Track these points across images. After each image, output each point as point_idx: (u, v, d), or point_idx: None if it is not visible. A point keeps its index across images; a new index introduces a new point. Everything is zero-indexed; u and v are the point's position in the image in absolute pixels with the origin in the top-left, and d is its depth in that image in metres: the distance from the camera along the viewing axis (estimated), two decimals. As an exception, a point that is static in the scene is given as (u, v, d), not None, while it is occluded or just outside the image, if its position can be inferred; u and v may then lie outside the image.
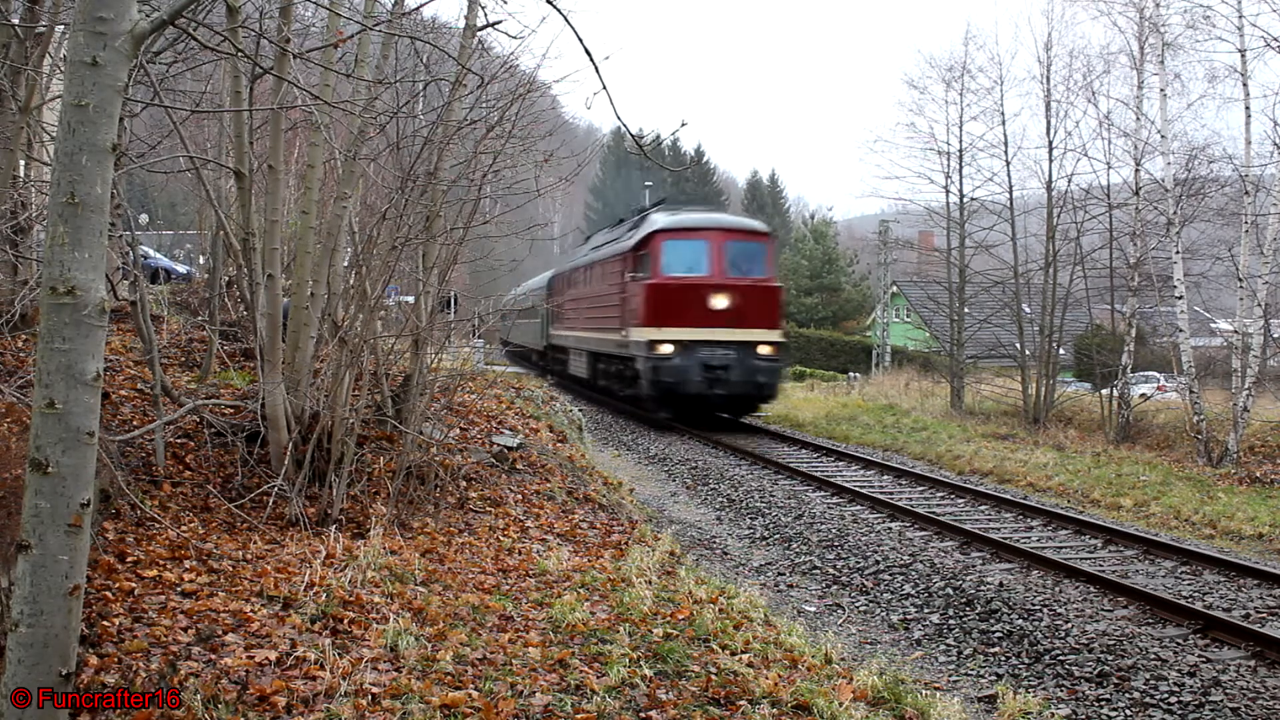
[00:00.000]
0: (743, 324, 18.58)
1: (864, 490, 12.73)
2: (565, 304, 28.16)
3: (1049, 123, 22.61)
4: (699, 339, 18.32)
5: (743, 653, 5.42)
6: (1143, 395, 21.82)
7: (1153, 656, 6.58)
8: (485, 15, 8.92)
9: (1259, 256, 17.34)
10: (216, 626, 4.74)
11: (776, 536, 10.63)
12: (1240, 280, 17.66)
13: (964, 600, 7.98)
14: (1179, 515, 12.52)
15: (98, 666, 4.15)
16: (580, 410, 16.12)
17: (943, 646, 7.12)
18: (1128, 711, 5.83)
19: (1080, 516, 11.58)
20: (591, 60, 4.32)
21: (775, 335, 19.11)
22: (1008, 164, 23.81)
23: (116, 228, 7.18)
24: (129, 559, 5.56)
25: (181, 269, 23.59)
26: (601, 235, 28.32)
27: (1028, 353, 23.60)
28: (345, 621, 5.05)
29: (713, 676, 4.88)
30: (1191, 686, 6.11)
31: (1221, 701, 5.89)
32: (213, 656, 4.40)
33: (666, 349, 18.34)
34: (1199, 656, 6.67)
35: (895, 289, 44.75)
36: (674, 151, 69.60)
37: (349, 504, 7.32)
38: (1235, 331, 18.08)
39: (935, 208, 26.41)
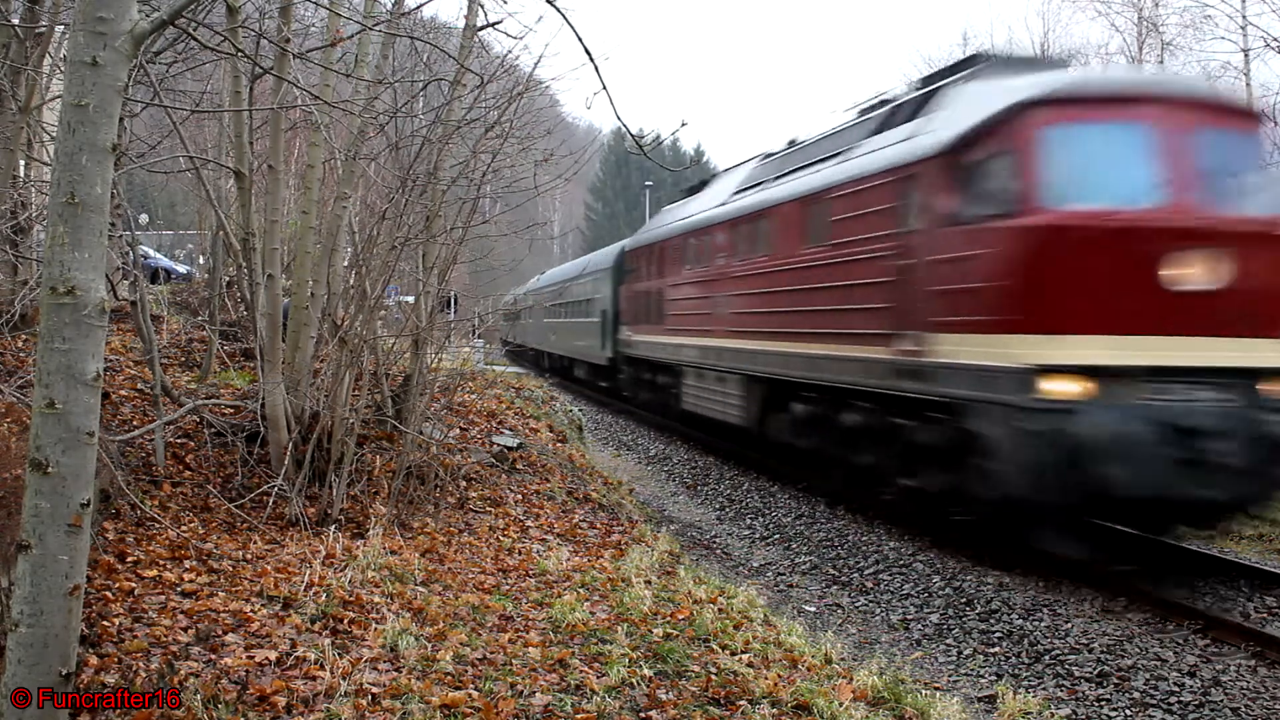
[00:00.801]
0: (1248, 327, 8.04)
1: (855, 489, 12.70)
2: (667, 291, 17.32)
3: (1048, 122, 22.55)
4: (1150, 364, 7.84)
5: (743, 653, 5.42)
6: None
7: (1153, 656, 6.58)
8: (485, 15, 8.93)
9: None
10: (216, 626, 4.74)
11: (777, 536, 10.63)
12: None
13: (964, 600, 7.97)
14: (1179, 515, 12.48)
15: (98, 666, 4.15)
16: (580, 410, 16.11)
17: (943, 646, 7.12)
18: (1128, 711, 5.84)
19: (1080, 516, 11.52)
20: (591, 60, 4.33)
21: None
22: (1008, 164, 23.74)
23: (116, 228, 7.18)
24: (129, 559, 5.56)
25: (181, 269, 23.60)
26: (751, 168, 15.49)
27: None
28: (345, 621, 5.05)
29: (713, 676, 4.88)
30: (1191, 687, 6.11)
31: (1221, 701, 5.89)
32: (213, 656, 4.40)
33: (1069, 388, 7.80)
34: (1199, 656, 6.66)
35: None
36: (674, 151, 69.60)
37: (349, 504, 7.32)
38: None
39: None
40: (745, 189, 14.69)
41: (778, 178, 13.42)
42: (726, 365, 14.18)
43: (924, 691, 5.33)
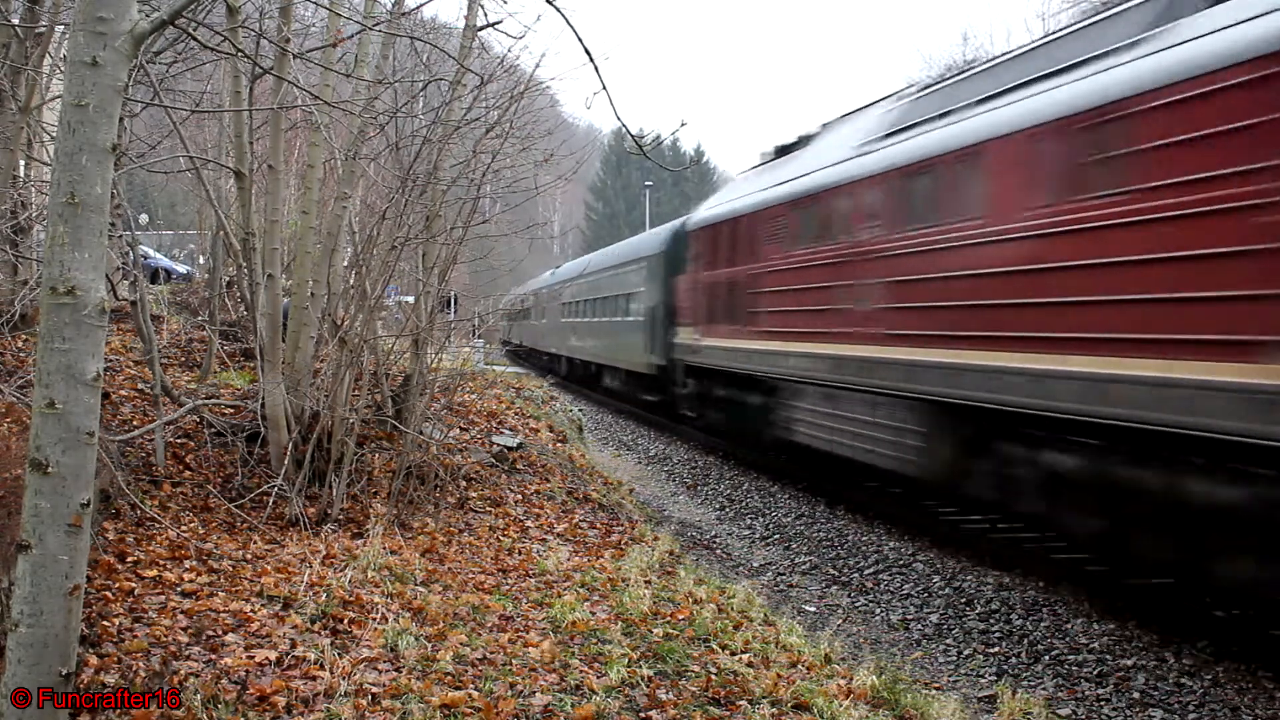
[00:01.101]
0: None
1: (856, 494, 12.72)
2: (755, 280, 12.76)
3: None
4: None
5: (742, 652, 5.43)
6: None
7: (1153, 656, 6.58)
8: (485, 15, 8.94)
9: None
10: (216, 626, 4.74)
11: (777, 536, 10.63)
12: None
13: (964, 600, 7.98)
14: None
15: (98, 666, 4.15)
16: (580, 410, 16.11)
17: (942, 646, 7.12)
18: (1128, 711, 5.83)
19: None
20: (591, 60, 4.33)
21: None
22: (1008, 164, 23.61)
23: (116, 228, 7.19)
24: (129, 559, 5.57)
25: (181, 269, 23.62)
26: (894, 108, 10.59)
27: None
28: (345, 621, 5.05)
29: (712, 676, 4.88)
30: (1192, 687, 6.11)
31: (1223, 701, 5.89)
32: (213, 656, 4.40)
33: None
34: (1199, 657, 6.66)
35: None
36: (674, 151, 69.67)
37: (349, 504, 7.33)
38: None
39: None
40: (897, 130, 9.86)
41: (973, 105, 8.52)
42: (885, 384, 9.49)
43: (923, 691, 5.33)
